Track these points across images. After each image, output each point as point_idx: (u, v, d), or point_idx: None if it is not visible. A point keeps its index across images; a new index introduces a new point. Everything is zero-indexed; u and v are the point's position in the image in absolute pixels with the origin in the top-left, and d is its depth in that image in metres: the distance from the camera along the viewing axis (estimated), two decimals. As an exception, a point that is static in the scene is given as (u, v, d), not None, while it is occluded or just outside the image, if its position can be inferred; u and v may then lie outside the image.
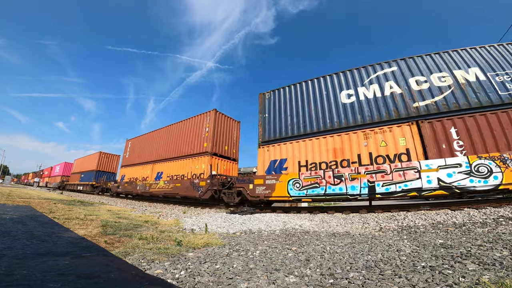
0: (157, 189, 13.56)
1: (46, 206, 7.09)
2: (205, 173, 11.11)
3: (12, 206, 6.44)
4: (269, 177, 8.50)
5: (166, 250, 2.90)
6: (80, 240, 3.14)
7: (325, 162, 7.77)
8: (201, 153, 11.76)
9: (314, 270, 2.27)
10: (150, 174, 14.95)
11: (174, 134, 14.38)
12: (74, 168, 31.54)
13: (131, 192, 16.12)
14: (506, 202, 5.81)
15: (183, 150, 13.07)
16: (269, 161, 9.06)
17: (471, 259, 2.27)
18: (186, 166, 12.38)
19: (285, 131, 9.22)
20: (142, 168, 16.15)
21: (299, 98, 9.49)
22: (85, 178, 26.69)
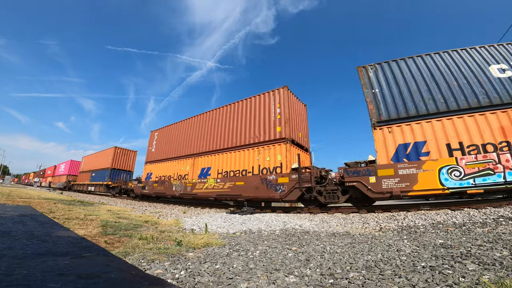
0: (204, 190, 10.71)
1: (46, 206, 7.09)
2: (286, 166, 8.32)
3: (12, 206, 6.44)
4: (403, 165, 6.53)
5: (166, 250, 2.90)
6: (80, 240, 3.14)
7: (491, 143, 6.11)
8: (273, 140, 9.02)
9: (314, 270, 2.27)
10: (190, 171, 11.98)
11: (225, 120, 11.38)
12: (83, 167, 28.16)
13: (163, 194, 13.06)
14: (506, 202, 5.81)
15: (241, 139, 10.24)
16: (396, 146, 7.01)
17: (471, 259, 2.27)
18: (248, 159, 9.57)
19: (415, 107, 7.16)
20: (177, 164, 13.06)
21: (429, 71, 7.61)
22: (96, 177, 23.26)
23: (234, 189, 9.45)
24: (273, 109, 9.60)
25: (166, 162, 14.07)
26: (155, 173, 14.67)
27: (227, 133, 11.03)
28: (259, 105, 10.20)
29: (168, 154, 14.19)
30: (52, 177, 37.58)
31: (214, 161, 11.08)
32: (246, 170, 9.57)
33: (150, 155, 15.89)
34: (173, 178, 12.96)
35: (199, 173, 11.55)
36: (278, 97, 9.62)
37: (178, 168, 12.99)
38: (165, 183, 13.12)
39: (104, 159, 23.06)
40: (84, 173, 27.05)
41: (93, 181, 23.80)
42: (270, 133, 9.31)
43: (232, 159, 10.32)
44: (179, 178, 12.58)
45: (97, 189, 22.77)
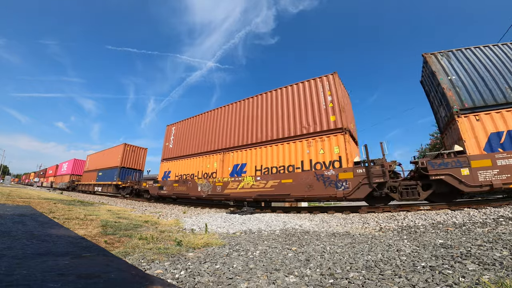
0: (239, 190, 9.25)
1: (46, 206, 7.09)
2: (346, 159, 7.24)
3: (12, 206, 6.44)
4: (501, 155, 5.91)
5: (166, 250, 2.90)
6: (80, 240, 3.13)
7: None
8: (327, 131, 7.91)
9: (314, 270, 2.27)
10: (219, 168, 10.58)
11: (262, 110, 10.07)
12: (88, 165, 26.40)
13: (185, 195, 11.54)
14: (506, 202, 5.81)
15: (284, 130, 8.97)
16: (487, 134, 6.37)
17: (471, 259, 2.27)
18: (295, 152, 8.34)
19: (503, 94, 6.60)
20: (202, 161, 11.59)
21: (510, 59, 7.06)
22: (104, 177, 21.45)
23: (280, 188, 8.07)
24: (322, 97, 8.47)
25: (188, 159, 12.49)
26: (174, 171, 13.08)
27: (266, 124, 9.61)
28: (304, 93, 9.01)
29: (190, 149, 12.59)
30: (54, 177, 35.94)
31: (251, 157, 9.54)
32: (293, 166, 8.19)
33: (167, 152, 14.12)
34: (197, 177, 11.38)
35: (230, 171, 9.98)
36: (328, 84, 8.53)
37: (203, 165, 11.42)
38: (188, 183, 11.52)
39: (113, 157, 21.13)
40: (89, 173, 25.26)
41: (100, 180, 21.94)
42: (321, 123, 8.11)
43: (274, 153, 8.89)
44: (205, 176, 10.96)
45: (105, 189, 20.82)
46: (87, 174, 25.89)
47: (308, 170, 7.84)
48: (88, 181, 24.70)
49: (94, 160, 25.50)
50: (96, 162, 24.44)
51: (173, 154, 13.76)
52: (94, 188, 22.71)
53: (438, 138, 19.61)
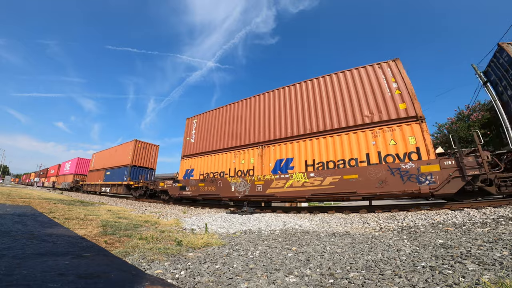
0: (287, 188, 7.95)
1: (46, 206, 7.09)
2: (425, 150, 6.34)
3: (12, 206, 6.44)
4: None
5: (166, 250, 2.90)
6: (80, 240, 3.14)
7: None
8: (396, 120, 7.02)
9: (314, 270, 2.27)
10: (257, 164, 9.14)
11: (307, 98, 8.99)
12: (94, 164, 24.74)
13: (214, 195, 10.00)
14: (506, 202, 5.80)
15: (339, 119, 7.91)
16: None
17: (471, 259, 2.27)
18: (357, 144, 7.30)
19: None
20: (234, 156, 10.12)
21: None
22: (113, 176, 19.88)
23: (342, 185, 6.96)
24: (385, 84, 7.64)
25: (215, 155, 11.05)
26: (198, 169, 11.58)
27: (316, 113, 8.48)
28: (361, 79, 8.11)
29: (217, 144, 11.22)
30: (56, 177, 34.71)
31: (298, 150, 8.34)
32: (356, 160, 7.11)
33: (189, 148, 12.63)
34: (228, 175, 10.03)
35: (272, 167, 8.72)
36: (390, 71, 7.76)
37: (236, 161, 9.96)
38: (218, 182, 10.04)
39: (122, 155, 19.42)
40: (95, 172, 23.66)
41: (108, 180, 20.37)
42: (388, 111, 7.24)
43: (329, 145, 7.75)
44: (238, 174, 9.58)
45: (114, 190, 19.10)
46: (93, 173, 24.29)
47: (376, 163, 6.80)
48: (94, 181, 23.06)
49: (100, 158, 23.89)
50: (103, 161, 22.79)
51: (196, 150, 12.22)
52: (101, 188, 21.15)
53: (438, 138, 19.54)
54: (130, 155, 18.43)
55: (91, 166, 25.58)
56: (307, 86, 9.25)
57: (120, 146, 21.01)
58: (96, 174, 23.39)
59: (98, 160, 24.26)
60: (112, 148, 22.39)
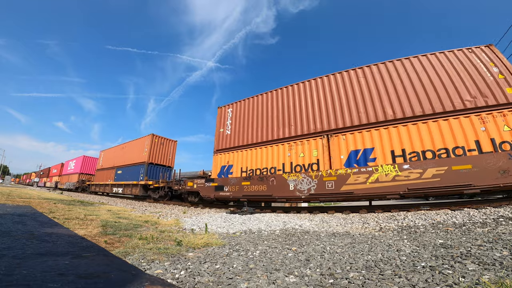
0: (370, 184, 6.73)
1: (46, 206, 7.09)
2: None
3: (12, 206, 6.44)
4: None
5: (166, 250, 2.90)
6: (80, 240, 3.14)
7: None
8: (507, 104, 6.36)
9: (314, 270, 2.27)
10: (322, 157, 7.76)
11: (385, 82, 7.87)
12: (102, 163, 22.71)
13: (265, 196, 8.38)
14: (506, 202, 5.81)
15: (430, 104, 7.00)
16: None
17: (471, 259, 2.27)
18: (460, 131, 6.39)
19: None
20: (289, 148, 8.58)
21: None
22: (125, 175, 17.80)
23: (451, 177, 6.00)
24: (483, 68, 7.03)
25: (261, 147, 9.39)
26: (238, 165, 9.89)
27: (400, 98, 7.44)
28: (453, 63, 7.41)
29: (263, 135, 9.58)
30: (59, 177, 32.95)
31: (380, 139, 7.18)
32: (462, 148, 6.21)
33: (224, 140, 10.98)
34: (281, 171, 8.48)
35: (345, 160, 7.46)
36: (486, 56, 7.22)
37: (291, 154, 8.50)
38: (270, 180, 8.36)
39: (137, 152, 17.37)
40: (104, 171, 21.62)
41: (120, 180, 18.31)
42: (495, 95, 6.57)
43: (423, 133, 6.73)
44: (297, 170, 8.13)
45: (127, 190, 16.95)
46: (101, 172, 22.22)
47: (489, 152, 6.03)
48: (103, 181, 21.08)
49: (110, 156, 21.72)
50: (113, 159, 20.69)
51: (233, 143, 10.56)
52: (111, 189, 19.11)
53: None
54: (147, 151, 16.16)
55: (99, 165, 23.34)
56: (387, 68, 8.08)
57: (133, 142, 18.68)
58: (104, 173, 21.37)
59: (107, 158, 22.17)
60: (124, 144, 20.02)
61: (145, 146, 16.78)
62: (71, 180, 27.75)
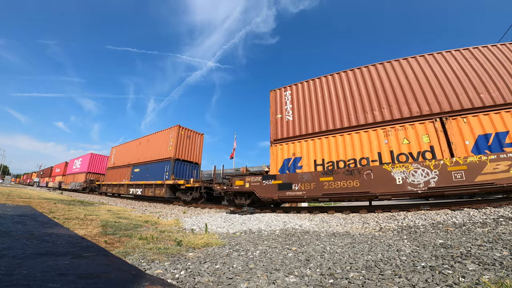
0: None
1: (46, 206, 7.09)
2: None
3: (12, 206, 6.44)
4: None
5: (166, 250, 2.90)
6: (80, 240, 3.14)
7: None
8: None
9: (314, 270, 2.27)
10: (436, 144, 6.49)
11: None
12: (114, 160, 20.12)
13: (357, 194, 6.87)
14: (506, 202, 5.81)
15: None
16: None
17: (471, 259, 2.27)
18: None
19: None
20: (385, 134, 7.14)
21: None
22: (144, 174, 15.32)
23: None
24: None
25: (339, 134, 7.84)
26: (309, 157, 8.10)
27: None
28: None
29: (342, 120, 7.98)
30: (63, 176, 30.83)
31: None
32: None
33: (285, 128, 9.17)
34: (377, 161, 6.98)
35: (471, 145, 6.17)
36: None
37: (388, 141, 7.04)
38: (364, 173, 6.84)
39: (160, 146, 14.78)
40: (117, 170, 19.12)
41: (138, 179, 15.80)
42: None
43: None
44: (401, 159, 6.74)
45: (149, 191, 14.29)
46: (113, 171, 19.67)
47: None
48: (116, 181, 18.48)
49: (123, 152, 19.21)
50: (128, 155, 18.25)
51: (298, 131, 8.77)
52: (127, 189, 16.42)
53: None
54: (172, 145, 13.61)
55: (110, 163, 20.61)
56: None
57: (155, 134, 16.06)
58: (117, 172, 18.90)
59: (121, 154, 19.56)
60: (142, 139, 17.32)
61: (170, 140, 14.00)
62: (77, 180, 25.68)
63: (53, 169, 38.03)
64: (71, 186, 26.70)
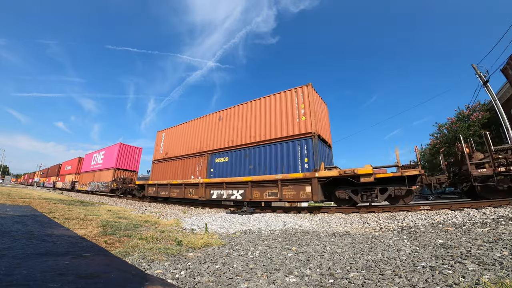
0: None
1: (46, 206, 7.09)
2: None
3: (12, 206, 6.44)
4: None
5: (166, 250, 2.90)
6: (80, 240, 3.13)
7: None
8: None
9: (314, 270, 2.26)
10: None
11: None
12: (166, 149, 14.10)
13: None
14: (506, 202, 5.80)
15: None
16: None
17: (471, 259, 2.27)
18: None
19: None
20: None
21: None
22: (241, 165, 9.65)
23: None
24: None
25: None
26: None
27: None
28: None
29: None
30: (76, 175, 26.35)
31: None
32: None
33: None
34: None
35: None
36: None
37: None
38: None
39: (279, 115, 9.18)
40: (171, 162, 13.24)
41: (224, 174, 10.18)
42: None
43: None
44: None
45: (266, 193, 8.52)
46: (165, 165, 13.68)
47: None
48: (170, 178, 12.86)
49: (183, 136, 13.22)
50: (195, 139, 12.32)
51: None
52: (208, 192, 10.38)
53: (438, 138, 19.46)
54: (306, 113, 8.48)
55: (158, 153, 14.62)
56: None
57: (264, 99, 9.84)
58: (174, 166, 12.99)
59: (177, 140, 13.52)
60: (231, 109, 11.08)
61: (299, 104, 8.70)
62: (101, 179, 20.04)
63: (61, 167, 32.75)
64: (91, 187, 21.33)
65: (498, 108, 12.07)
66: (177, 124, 14.27)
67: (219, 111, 11.76)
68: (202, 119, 12.62)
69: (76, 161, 27.67)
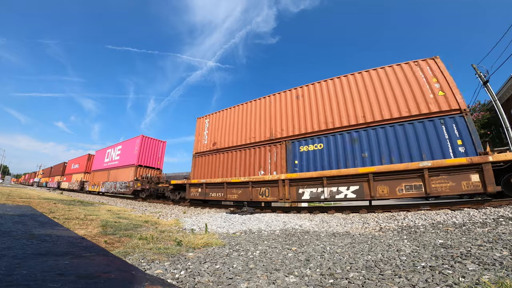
0: None
1: (46, 206, 7.09)
2: None
3: (12, 206, 6.44)
4: None
5: (166, 250, 2.90)
6: (80, 240, 3.14)
7: None
8: None
9: (314, 270, 2.26)
10: None
11: None
12: (213, 138, 11.38)
13: None
14: (506, 202, 5.80)
15: None
16: None
17: (471, 259, 2.27)
18: None
19: None
20: None
21: None
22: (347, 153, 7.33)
23: None
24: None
25: None
26: None
27: None
28: None
29: None
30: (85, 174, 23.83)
31: None
32: None
33: None
34: None
35: None
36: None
37: None
38: None
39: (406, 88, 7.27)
40: (225, 154, 10.53)
41: (317, 167, 7.80)
42: None
43: None
44: None
45: (398, 187, 6.42)
46: (213, 158, 10.99)
47: None
48: (218, 175, 10.43)
49: (236, 122, 10.75)
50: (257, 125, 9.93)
51: None
52: (297, 193, 7.89)
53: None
54: (444, 87, 6.90)
55: (204, 143, 11.71)
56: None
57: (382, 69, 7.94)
58: (225, 160, 10.44)
59: (231, 126, 10.90)
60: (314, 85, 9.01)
61: (427, 75, 7.24)
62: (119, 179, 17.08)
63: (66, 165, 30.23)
64: (106, 187, 18.48)
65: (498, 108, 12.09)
66: (224, 109, 11.78)
67: (295, 88, 9.51)
68: (269, 99, 10.02)
69: (85, 158, 25.00)
